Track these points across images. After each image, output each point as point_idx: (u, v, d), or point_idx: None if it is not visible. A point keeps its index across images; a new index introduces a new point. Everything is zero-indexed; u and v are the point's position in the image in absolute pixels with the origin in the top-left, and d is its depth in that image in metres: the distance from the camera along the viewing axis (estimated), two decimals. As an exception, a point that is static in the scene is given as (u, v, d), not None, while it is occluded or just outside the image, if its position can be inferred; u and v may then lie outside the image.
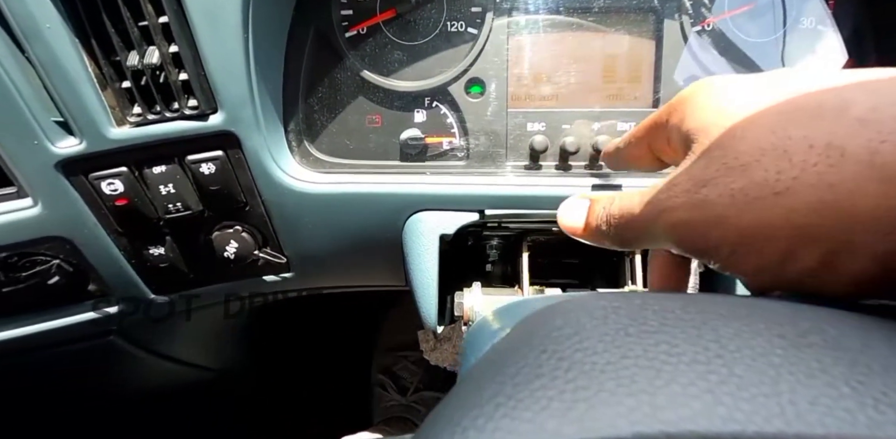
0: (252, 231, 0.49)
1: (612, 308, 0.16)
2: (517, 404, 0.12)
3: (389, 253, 0.50)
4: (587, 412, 0.12)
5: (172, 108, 0.43)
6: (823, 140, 0.19)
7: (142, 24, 0.40)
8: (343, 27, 0.49)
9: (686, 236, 0.22)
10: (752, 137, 0.20)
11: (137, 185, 0.44)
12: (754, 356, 0.13)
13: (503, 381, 0.14)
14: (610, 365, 0.13)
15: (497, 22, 0.48)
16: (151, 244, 0.48)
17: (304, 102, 0.50)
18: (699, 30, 0.47)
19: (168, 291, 0.52)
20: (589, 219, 0.28)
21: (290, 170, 0.47)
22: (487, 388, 0.14)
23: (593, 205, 0.28)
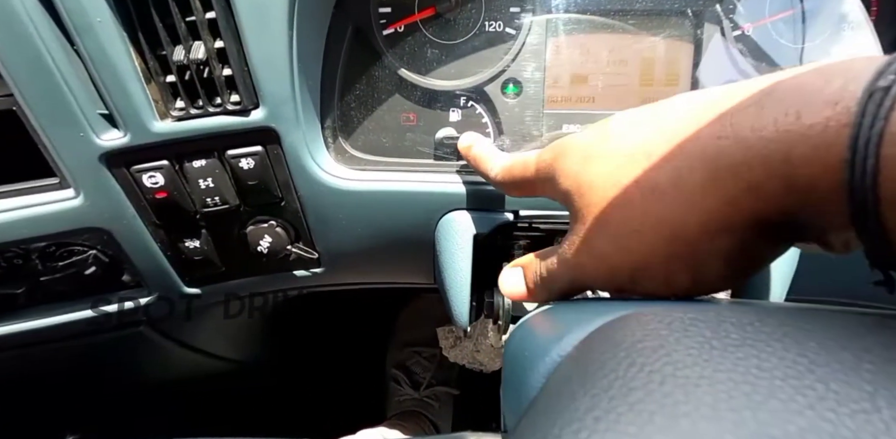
0: (286, 226, 0.50)
1: (689, 320, 0.17)
2: (619, 417, 0.13)
3: (420, 251, 0.51)
4: (693, 426, 0.12)
5: (215, 103, 0.43)
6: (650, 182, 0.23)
7: (189, 20, 0.40)
8: (381, 25, 0.49)
9: (598, 283, 0.26)
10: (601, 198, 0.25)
11: (177, 179, 0.45)
12: (845, 371, 0.14)
13: (597, 394, 0.14)
14: (703, 378, 0.13)
15: (536, 22, 0.48)
16: (187, 237, 0.49)
17: (341, 99, 0.50)
18: (739, 34, 0.47)
19: (200, 283, 0.53)
20: (528, 285, 0.31)
21: (326, 166, 0.47)
22: (581, 401, 0.14)
23: (526, 272, 0.31)
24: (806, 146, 0.18)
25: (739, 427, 0.12)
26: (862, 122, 0.16)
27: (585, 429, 0.13)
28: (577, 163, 0.26)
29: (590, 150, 0.26)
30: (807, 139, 0.18)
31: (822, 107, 0.17)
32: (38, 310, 0.52)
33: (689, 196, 0.21)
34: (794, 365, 0.14)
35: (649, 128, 0.24)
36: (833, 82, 0.18)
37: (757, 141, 0.19)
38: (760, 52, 0.47)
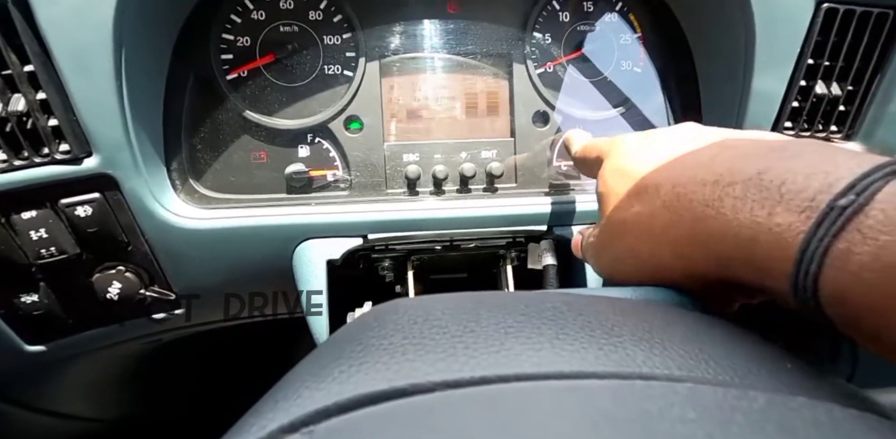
0: (136, 270, 0.49)
1: (411, 306, 0.21)
2: (315, 378, 0.16)
3: (281, 282, 0.52)
4: (362, 377, 0.16)
5: (42, 153, 0.43)
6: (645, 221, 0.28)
7: (5, 73, 0.40)
8: (224, 70, 0.52)
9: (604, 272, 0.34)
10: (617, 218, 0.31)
11: (4, 232, 0.43)
12: (497, 328, 0.19)
13: (313, 365, 0.18)
14: (392, 344, 0.18)
15: (370, 65, 0.54)
16: (23, 291, 0.47)
17: (188, 142, 0.51)
18: (542, 72, 0.56)
19: (44, 340, 0.50)
20: (576, 245, 0.39)
21: (173, 207, 0.48)
22: (301, 370, 0.18)
23: (580, 237, 0.39)
24: (770, 237, 0.21)
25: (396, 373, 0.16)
26: (815, 233, 0.19)
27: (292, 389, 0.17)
28: (610, 174, 0.33)
29: (625, 164, 0.32)
30: (772, 233, 0.21)
31: (792, 211, 0.20)
32: None
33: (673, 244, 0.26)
34: (463, 328, 0.19)
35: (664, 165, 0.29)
36: (810, 186, 0.20)
37: (734, 219, 0.22)
38: (560, 84, 0.57)
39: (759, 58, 0.49)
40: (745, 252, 0.23)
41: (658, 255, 0.28)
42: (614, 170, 0.32)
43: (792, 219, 0.20)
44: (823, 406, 0.14)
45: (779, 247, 0.21)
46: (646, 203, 0.28)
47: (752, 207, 0.22)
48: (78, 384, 0.62)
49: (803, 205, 0.20)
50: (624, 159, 0.32)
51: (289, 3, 0.53)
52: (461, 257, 0.57)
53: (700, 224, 0.24)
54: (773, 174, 0.22)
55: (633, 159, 0.32)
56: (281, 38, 0.52)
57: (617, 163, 0.33)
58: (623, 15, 0.58)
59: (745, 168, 0.23)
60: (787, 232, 0.20)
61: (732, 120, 0.52)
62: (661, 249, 0.27)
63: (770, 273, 0.22)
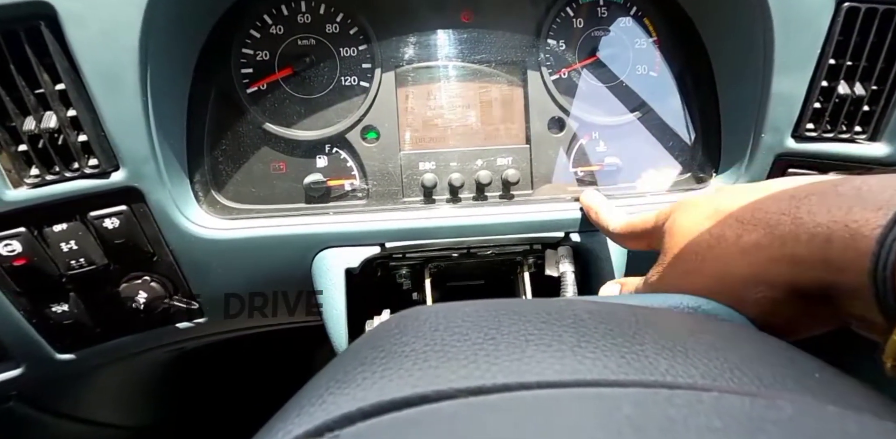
0: (162, 280, 0.51)
1: (432, 313, 0.21)
2: (339, 383, 0.17)
3: (302, 291, 0.53)
4: (385, 383, 0.16)
5: (72, 168, 0.44)
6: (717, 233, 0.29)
7: (38, 92, 0.42)
8: (244, 84, 0.53)
9: None
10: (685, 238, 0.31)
11: (37, 245, 0.45)
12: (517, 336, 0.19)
13: (337, 371, 0.18)
14: (414, 351, 0.18)
15: (386, 75, 0.54)
16: (54, 301, 0.48)
17: (209, 155, 0.53)
18: (556, 78, 0.56)
19: (74, 348, 0.51)
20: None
21: (196, 219, 0.49)
22: (326, 376, 0.18)
23: (622, 288, 0.39)
24: (845, 233, 0.22)
25: (419, 379, 0.16)
26: (893, 227, 0.21)
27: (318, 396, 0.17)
28: (684, 214, 0.32)
29: (694, 205, 0.32)
30: (848, 229, 0.22)
31: (869, 209, 0.22)
32: None
33: (743, 250, 0.26)
34: (484, 335, 0.19)
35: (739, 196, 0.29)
36: (885, 190, 0.22)
37: (809, 221, 0.24)
38: (575, 90, 0.57)
39: (778, 59, 0.48)
40: (820, 251, 0.23)
41: (728, 268, 0.28)
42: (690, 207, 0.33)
43: (869, 215, 0.22)
44: (856, 417, 0.14)
45: (855, 242, 0.22)
46: (719, 221, 0.29)
47: (829, 209, 0.23)
48: (105, 391, 0.64)
49: (880, 203, 0.22)
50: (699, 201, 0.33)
51: (306, 17, 0.54)
52: (478, 264, 0.57)
53: (775, 229, 0.25)
54: (849, 185, 0.24)
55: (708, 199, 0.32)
56: (299, 51, 0.54)
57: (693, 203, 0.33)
58: (637, 19, 0.58)
59: (820, 185, 0.25)
60: (863, 227, 0.22)
61: (752, 121, 0.51)
62: (731, 260, 0.27)
63: (846, 269, 0.22)
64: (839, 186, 0.24)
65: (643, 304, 0.26)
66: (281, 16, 0.54)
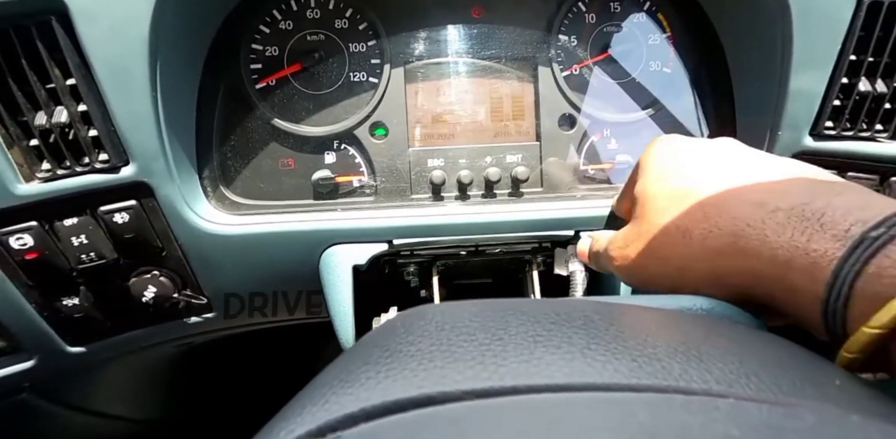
0: (170, 274, 0.51)
1: (438, 312, 0.21)
2: (343, 383, 0.16)
3: (309, 286, 0.53)
4: (390, 383, 0.16)
5: (83, 163, 0.44)
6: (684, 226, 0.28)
7: (49, 87, 0.42)
8: (253, 80, 0.53)
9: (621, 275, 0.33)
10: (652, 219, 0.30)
11: (48, 238, 0.45)
12: (526, 337, 0.18)
13: (341, 370, 0.18)
14: (419, 351, 0.18)
15: (395, 71, 0.54)
16: (65, 295, 0.48)
17: (218, 150, 0.53)
18: (568, 74, 0.55)
19: (85, 341, 0.52)
20: (588, 251, 0.39)
21: (205, 214, 0.49)
22: (329, 375, 0.18)
23: (591, 242, 0.39)
24: (805, 260, 0.23)
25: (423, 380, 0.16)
26: (848, 259, 0.22)
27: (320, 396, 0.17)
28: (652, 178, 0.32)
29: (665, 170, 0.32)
30: (808, 257, 0.23)
31: (828, 239, 0.23)
32: None
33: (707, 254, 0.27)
34: (491, 335, 0.18)
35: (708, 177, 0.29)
36: (847, 219, 0.23)
37: (774, 241, 0.24)
38: (586, 87, 0.56)
39: (797, 54, 0.47)
40: (780, 271, 0.24)
41: (690, 263, 0.28)
42: (655, 176, 0.32)
43: (828, 245, 0.23)
44: (879, 426, 0.13)
45: (812, 270, 0.23)
46: (687, 210, 0.28)
47: (793, 233, 0.24)
48: (115, 385, 0.65)
49: (839, 234, 0.22)
50: (664, 165, 0.32)
51: (315, 12, 0.54)
52: (486, 262, 0.56)
53: (740, 240, 0.26)
54: (815, 207, 0.24)
55: (678, 166, 0.31)
56: (308, 46, 0.53)
57: (658, 167, 0.32)
58: (651, 14, 0.57)
59: (790, 198, 0.25)
60: (822, 257, 0.23)
61: (769, 119, 0.50)
62: (694, 258, 0.28)
63: (802, 295, 0.23)
64: (807, 206, 0.24)
65: (655, 306, 0.25)
66: (290, 11, 0.53)
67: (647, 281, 0.31)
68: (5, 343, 0.51)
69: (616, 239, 0.34)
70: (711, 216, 0.27)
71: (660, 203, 0.30)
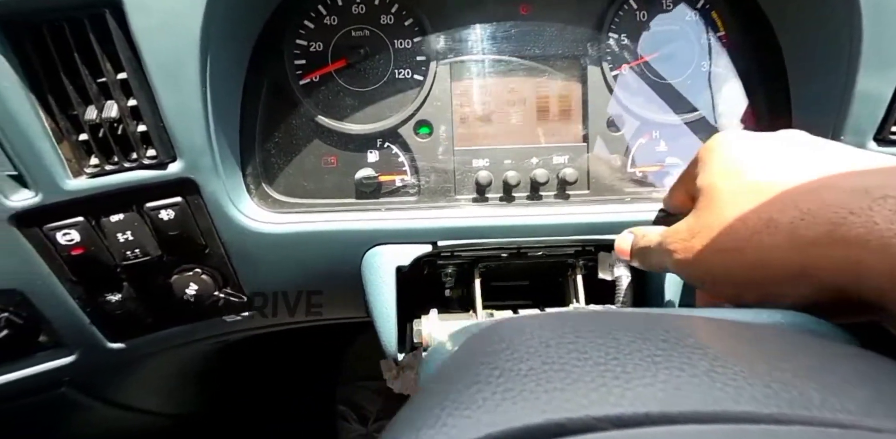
0: (212, 272, 0.50)
1: (538, 325, 0.20)
2: (458, 405, 0.15)
3: (350, 287, 0.52)
4: (510, 406, 0.15)
5: (131, 158, 0.44)
6: (767, 216, 0.26)
7: (100, 81, 0.42)
8: (297, 76, 0.52)
9: (682, 270, 0.30)
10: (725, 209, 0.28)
11: (94, 234, 0.45)
12: (642, 357, 0.17)
13: (448, 389, 0.17)
14: (532, 370, 0.16)
15: (441, 69, 0.53)
16: (108, 291, 0.48)
17: (262, 147, 0.52)
18: (617, 74, 0.54)
19: (125, 337, 0.52)
20: (632, 248, 0.37)
21: (249, 212, 0.48)
22: (437, 395, 0.17)
23: (635, 238, 0.37)
24: None
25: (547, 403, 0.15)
26: None
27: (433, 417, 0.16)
28: (719, 172, 0.30)
29: (734, 163, 0.29)
30: None
31: None
32: (-57, 381, 0.49)
33: (797, 245, 0.24)
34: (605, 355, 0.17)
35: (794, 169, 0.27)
36: None
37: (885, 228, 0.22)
38: (636, 87, 0.54)
39: (865, 54, 0.45)
40: (892, 261, 0.22)
41: (773, 255, 0.25)
42: (724, 169, 0.30)
43: None
44: None
45: None
46: (771, 200, 0.26)
47: None
48: (149, 380, 0.65)
49: None
50: (735, 158, 0.30)
51: (360, 7, 0.53)
52: (527, 265, 0.55)
53: (840, 228, 0.23)
54: None
55: (748, 158, 0.29)
56: (352, 42, 0.52)
57: (727, 160, 0.30)
58: (704, 13, 0.55)
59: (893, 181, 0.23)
60: None
61: (830, 121, 0.48)
62: (779, 248, 0.25)
63: None
64: None
65: (749, 321, 0.24)
66: (335, 6, 0.52)
67: (714, 276, 0.29)
68: (47, 337, 0.51)
69: (677, 231, 0.31)
70: (802, 204, 0.25)
71: (734, 195, 0.28)
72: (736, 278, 0.27)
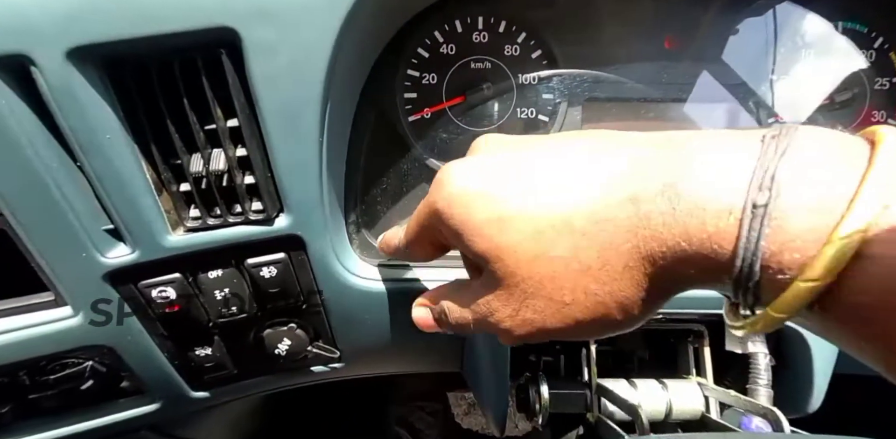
0: (305, 326, 0.46)
1: None
2: None
3: (447, 343, 0.48)
4: None
5: (235, 212, 0.39)
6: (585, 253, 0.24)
7: (208, 128, 0.37)
8: (407, 111, 0.46)
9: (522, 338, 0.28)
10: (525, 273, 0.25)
11: (191, 291, 0.41)
12: None
13: None
14: None
15: (571, 110, 0.46)
16: (198, 345, 0.45)
17: (364, 192, 0.47)
18: (773, 121, 0.47)
19: (210, 387, 0.48)
20: (436, 322, 0.33)
21: (353, 268, 0.44)
22: None
23: (435, 313, 0.33)
24: (711, 244, 0.20)
25: None
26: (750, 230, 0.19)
27: None
28: (489, 224, 0.25)
29: (503, 209, 0.25)
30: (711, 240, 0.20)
31: (717, 217, 0.20)
32: (23, 427, 0.46)
33: (619, 275, 0.23)
34: None
35: (566, 192, 0.24)
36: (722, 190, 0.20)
37: (672, 238, 0.21)
38: (793, 141, 0.47)
39: None
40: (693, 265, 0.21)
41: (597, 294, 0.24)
42: (485, 220, 0.25)
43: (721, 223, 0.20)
44: None
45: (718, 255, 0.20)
46: (560, 242, 0.24)
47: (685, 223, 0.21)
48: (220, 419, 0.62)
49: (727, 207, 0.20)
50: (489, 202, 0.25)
51: (482, 35, 0.46)
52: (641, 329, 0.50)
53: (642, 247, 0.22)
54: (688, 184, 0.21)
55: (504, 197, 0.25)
56: (470, 75, 0.46)
57: (483, 209, 0.25)
58: (882, 53, 0.47)
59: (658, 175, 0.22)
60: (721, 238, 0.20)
61: None
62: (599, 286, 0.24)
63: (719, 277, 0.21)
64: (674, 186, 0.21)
65: None
66: (454, 33, 0.46)
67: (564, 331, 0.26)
68: (129, 384, 0.48)
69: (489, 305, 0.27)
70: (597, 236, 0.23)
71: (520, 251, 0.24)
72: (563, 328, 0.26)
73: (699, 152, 0.22)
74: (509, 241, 0.25)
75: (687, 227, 0.21)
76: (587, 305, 0.24)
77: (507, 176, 0.26)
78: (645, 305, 0.24)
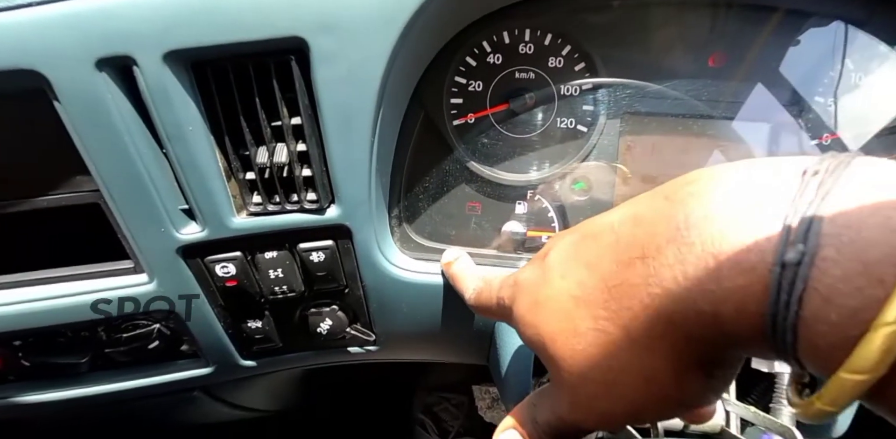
0: (346, 309, 0.50)
1: None
2: None
3: (477, 336, 0.51)
4: None
5: (292, 200, 0.44)
6: None
7: (275, 125, 0.41)
8: (452, 115, 0.50)
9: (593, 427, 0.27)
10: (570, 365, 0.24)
11: (248, 269, 0.46)
12: None
13: None
14: None
15: (609, 122, 0.48)
16: (250, 318, 0.50)
17: (407, 189, 0.50)
18: (817, 143, 0.47)
19: (257, 357, 0.54)
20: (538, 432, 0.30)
21: (394, 258, 0.48)
22: None
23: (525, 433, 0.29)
24: (731, 305, 0.18)
25: None
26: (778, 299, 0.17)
27: None
28: (529, 311, 0.26)
29: (537, 294, 0.26)
30: (730, 302, 0.18)
31: (737, 274, 0.18)
32: (97, 377, 0.53)
33: (644, 343, 0.22)
34: None
35: (582, 268, 0.24)
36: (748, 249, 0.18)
37: (686, 295, 0.20)
38: (835, 161, 0.47)
39: None
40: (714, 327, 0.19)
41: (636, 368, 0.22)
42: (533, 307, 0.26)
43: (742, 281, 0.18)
44: None
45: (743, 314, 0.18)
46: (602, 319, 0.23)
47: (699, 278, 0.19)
48: (263, 386, 0.68)
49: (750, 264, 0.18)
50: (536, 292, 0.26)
51: (528, 47, 0.48)
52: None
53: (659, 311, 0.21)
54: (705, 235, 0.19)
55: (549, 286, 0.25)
56: (514, 84, 0.49)
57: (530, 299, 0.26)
58: (940, 77, 0.46)
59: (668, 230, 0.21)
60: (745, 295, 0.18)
61: None
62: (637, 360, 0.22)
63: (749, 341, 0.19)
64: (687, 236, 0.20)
65: None
66: (501, 44, 0.48)
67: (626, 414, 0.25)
68: (188, 348, 0.53)
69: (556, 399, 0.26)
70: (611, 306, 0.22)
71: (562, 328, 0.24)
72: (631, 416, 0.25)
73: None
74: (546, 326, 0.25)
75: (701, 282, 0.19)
76: (628, 381, 0.23)
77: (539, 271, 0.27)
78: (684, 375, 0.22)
